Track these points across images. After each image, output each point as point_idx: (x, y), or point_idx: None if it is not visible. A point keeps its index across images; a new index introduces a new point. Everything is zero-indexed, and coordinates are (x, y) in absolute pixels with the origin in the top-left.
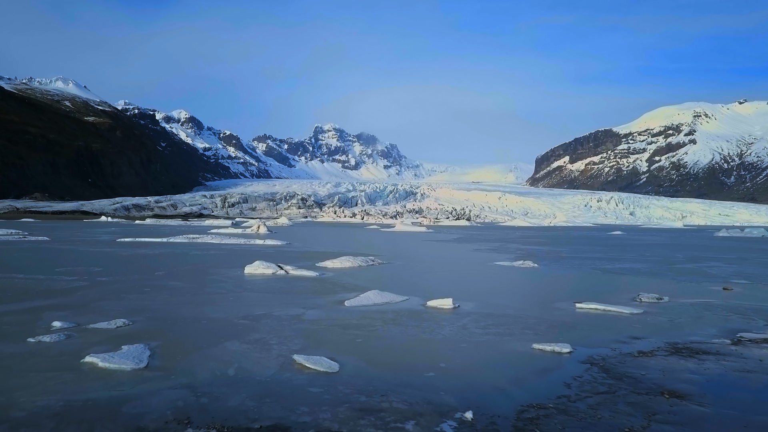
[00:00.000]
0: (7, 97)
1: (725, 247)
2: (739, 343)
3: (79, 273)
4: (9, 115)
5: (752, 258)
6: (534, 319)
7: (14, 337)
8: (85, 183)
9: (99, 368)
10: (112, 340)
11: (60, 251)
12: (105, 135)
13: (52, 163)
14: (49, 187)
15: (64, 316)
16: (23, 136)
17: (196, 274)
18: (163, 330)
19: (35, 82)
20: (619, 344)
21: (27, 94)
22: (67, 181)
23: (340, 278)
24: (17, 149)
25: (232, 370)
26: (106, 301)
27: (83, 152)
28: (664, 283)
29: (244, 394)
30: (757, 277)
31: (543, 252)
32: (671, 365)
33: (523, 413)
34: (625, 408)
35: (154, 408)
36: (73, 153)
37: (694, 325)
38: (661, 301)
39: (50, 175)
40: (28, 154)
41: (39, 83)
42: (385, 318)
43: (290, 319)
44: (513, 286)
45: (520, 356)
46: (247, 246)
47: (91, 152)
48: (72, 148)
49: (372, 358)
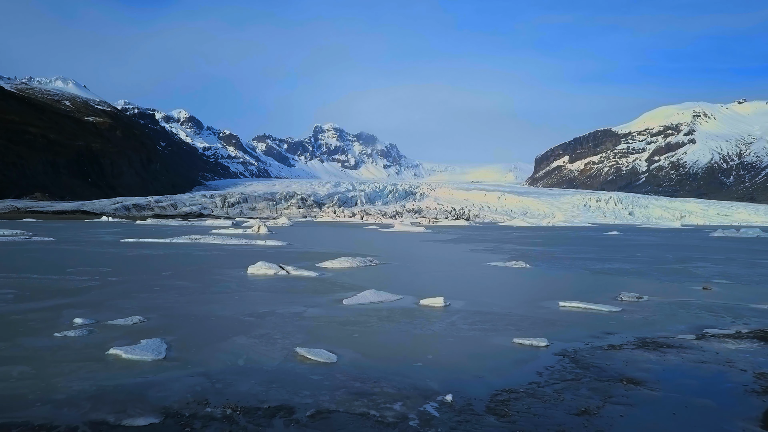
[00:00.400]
0: (8, 96)
1: (717, 248)
2: (703, 338)
3: (90, 273)
4: (9, 114)
5: (740, 258)
6: (518, 316)
7: (42, 333)
8: (86, 183)
9: (123, 359)
10: (130, 335)
11: (67, 252)
12: (105, 135)
13: (53, 163)
14: (49, 187)
15: (84, 313)
16: (23, 136)
17: (201, 274)
18: (176, 326)
19: (35, 82)
20: (593, 339)
21: (27, 94)
22: (67, 181)
23: (339, 278)
24: (18, 149)
25: (242, 360)
26: (120, 299)
27: (83, 152)
28: (647, 283)
29: (253, 380)
30: (739, 277)
31: (537, 252)
32: (635, 357)
33: (497, 396)
34: (587, 392)
35: (175, 392)
36: (73, 153)
37: (666, 322)
38: (641, 300)
39: (50, 175)
40: (28, 153)
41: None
42: (380, 315)
43: (292, 316)
44: (502, 286)
45: (500, 349)
46: (249, 246)
47: (92, 152)
48: (72, 148)
49: (366, 350)
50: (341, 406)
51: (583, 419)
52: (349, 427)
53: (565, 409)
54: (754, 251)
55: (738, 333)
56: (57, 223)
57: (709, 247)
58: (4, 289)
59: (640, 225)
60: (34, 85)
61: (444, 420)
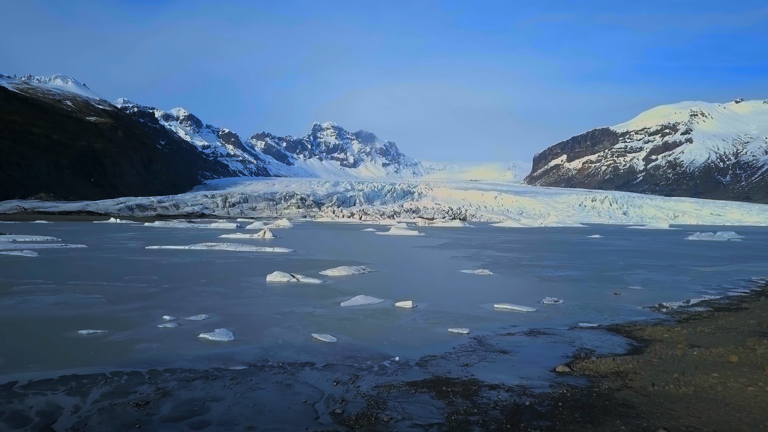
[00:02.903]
0: (11, 97)
1: (674, 254)
2: (573, 329)
3: (146, 281)
4: (13, 115)
5: (680, 265)
6: (460, 314)
7: (148, 325)
8: (88, 182)
9: (210, 340)
10: (206, 327)
11: (110, 260)
12: (107, 135)
13: (56, 163)
14: (53, 187)
15: (165, 312)
16: (27, 137)
17: (230, 281)
18: (232, 321)
19: (34, 80)
20: (501, 329)
21: (30, 94)
22: (70, 181)
23: (338, 285)
24: (22, 149)
25: (280, 341)
26: (184, 303)
27: (86, 152)
28: (575, 289)
29: (289, 351)
30: (655, 283)
31: (507, 259)
32: (515, 339)
33: (423, 358)
34: (474, 357)
35: (248, 356)
36: (76, 153)
37: (559, 319)
38: (557, 303)
39: (54, 175)
40: (32, 154)
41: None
42: (366, 314)
43: (306, 314)
44: (462, 291)
45: (437, 335)
46: (260, 254)
47: (94, 152)
48: (75, 148)
49: (355, 335)
50: (339, 362)
51: (464, 368)
52: (344, 371)
53: (456, 363)
54: (702, 257)
55: (599, 326)
56: (70, 226)
57: (669, 252)
58: (93, 294)
59: (630, 225)
60: (34, 84)
61: (392, 368)
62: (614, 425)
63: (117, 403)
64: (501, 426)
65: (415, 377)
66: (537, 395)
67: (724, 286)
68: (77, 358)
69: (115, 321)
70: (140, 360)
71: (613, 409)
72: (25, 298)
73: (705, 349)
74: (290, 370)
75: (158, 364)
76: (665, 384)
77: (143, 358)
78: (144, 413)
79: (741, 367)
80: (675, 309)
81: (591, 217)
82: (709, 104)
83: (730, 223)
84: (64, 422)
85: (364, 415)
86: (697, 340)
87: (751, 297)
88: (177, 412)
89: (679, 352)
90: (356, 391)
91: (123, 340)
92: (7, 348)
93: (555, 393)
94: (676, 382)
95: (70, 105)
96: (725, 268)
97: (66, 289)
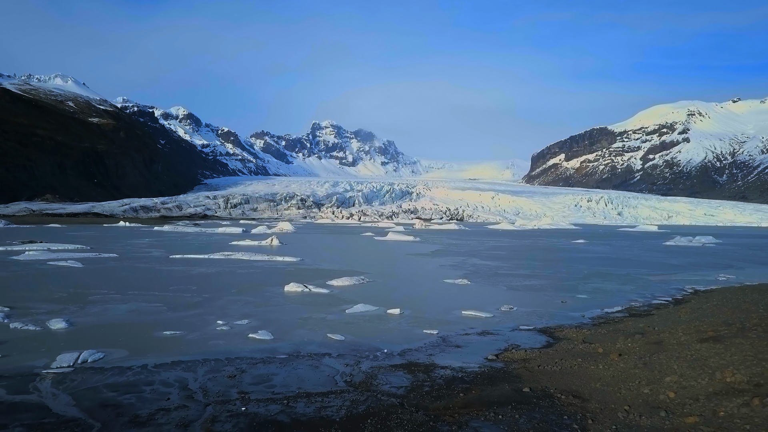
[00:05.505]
0: (16, 99)
1: (640, 261)
2: (514, 330)
3: (188, 291)
4: (18, 117)
5: (635, 274)
6: (435, 319)
7: (208, 328)
8: (92, 183)
9: (257, 338)
10: (251, 329)
11: (147, 271)
12: (109, 136)
13: (60, 165)
14: (57, 188)
15: (217, 318)
16: (32, 139)
17: (256, 291)
18: (268, 324)
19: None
20: (462, 330)
21: (33, 96)
22: (74, 182)
23: (342, 294)
24: (27, 151)
25: (305, 339)
26: (227, 310)
27: (89, 153)
28: (533, 297)
29: (313, 345)
30: (601, 292)
31: (488, 268)
32: (468, 338)
33: (403, 351)
34: (436, 350)
35: (285, 349)
36: (79, 154)
37: (508, 323)
38: (511, 309)
39: (58, 176)
40: (37, 155)
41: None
42: (365, 319)
43: (321, 319)
44: (441, 299)
45: (414, 334)
46: (272, 263)
47: (97, 153)
48: (78, 150)
49: (357, 335)
50: (347, 353)
51: (428, 356)
52: (350, 358)
53: (424, 353)
54: (662, 265)
55: (534, 328)
56: (85, 230)
57: (636, 260)
58: (154, 303)
59: (622, 227)
60: (34, 83)
61: (382, 357)
62: (502, 385)
63: (216, 376)
64: (440, 387)
65: (396, 362)
66: (468, 372)
67: (656, 295)
68: (176, 350)
69: (184, 325)
70: (216, 351)
71: (506, 378)
72: (105, 307)
73: (589, 344)
74: (316, 357)
75: (229, 354)
76: (546, 365)
77: (218, 350)
78: (236, 380)
79: (600, 355)
80: (598, 315)
81: (586, 218)
82: (707, 104)
83: (723, 224)
84: (192, 385)
85: (364, 382)
86: (591, 338)
87: (666, 304)
88: (254, 380)
89: (571, 346)
90: (359, 369)
91: (197, 339)
92: (124, 344)
93: (479, 371)
94: (552, 364)
95: (72, 106)
96: (672, 277)
97: (130, 299)
